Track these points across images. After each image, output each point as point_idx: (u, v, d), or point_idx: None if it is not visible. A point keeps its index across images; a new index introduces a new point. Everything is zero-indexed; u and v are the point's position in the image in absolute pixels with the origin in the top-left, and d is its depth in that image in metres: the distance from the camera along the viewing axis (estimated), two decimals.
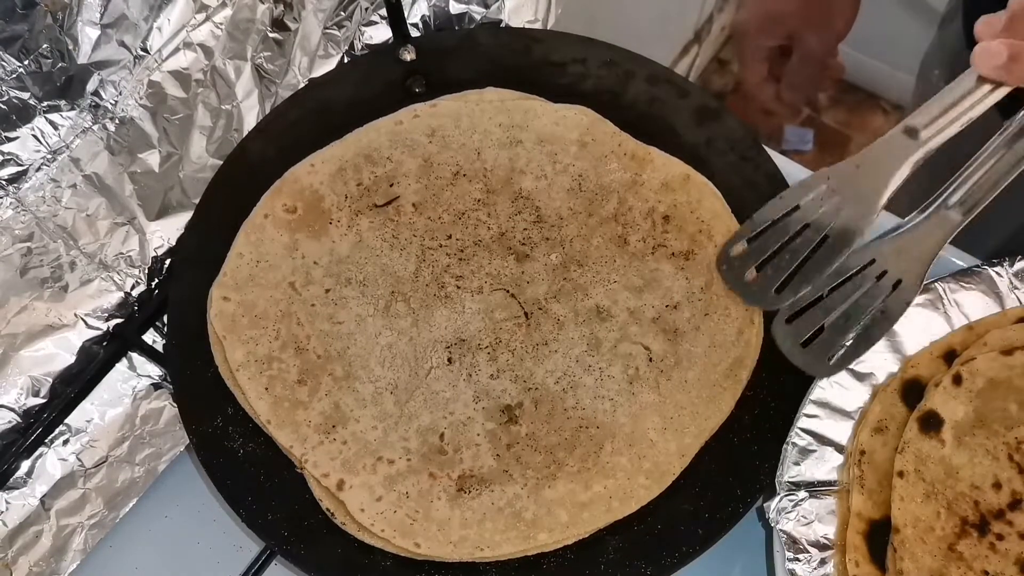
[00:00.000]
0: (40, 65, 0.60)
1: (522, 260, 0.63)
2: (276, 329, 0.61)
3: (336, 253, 0.64)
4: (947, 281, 0.60)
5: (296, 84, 0.74)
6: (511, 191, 0.65)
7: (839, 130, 1.84)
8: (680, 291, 0.62)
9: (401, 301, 0.62)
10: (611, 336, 0.61)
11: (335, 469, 0.58)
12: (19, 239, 0.62)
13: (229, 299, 0.62)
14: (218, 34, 0.69)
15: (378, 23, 0.78)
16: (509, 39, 0.75)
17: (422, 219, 0.65)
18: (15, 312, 0.63)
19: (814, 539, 0.54)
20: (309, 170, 0.67)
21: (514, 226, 0.64)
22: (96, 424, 0.67)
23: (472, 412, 0.59)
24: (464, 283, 0.63)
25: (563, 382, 0.60)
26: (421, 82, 0.72)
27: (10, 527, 0.63)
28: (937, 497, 0.53)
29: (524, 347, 0.61)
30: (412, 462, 0.58)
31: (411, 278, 0.63)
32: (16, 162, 0.61)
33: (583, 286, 0.63)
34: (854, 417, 0.57)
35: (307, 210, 0.65)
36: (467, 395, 0.60)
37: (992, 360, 0.56)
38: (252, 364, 0.60)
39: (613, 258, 0.63)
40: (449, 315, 0.62)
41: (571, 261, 0.63)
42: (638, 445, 0.58)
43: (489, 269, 0.63)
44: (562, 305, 0.62)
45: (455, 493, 0.57)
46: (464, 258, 0.63)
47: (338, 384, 0.60)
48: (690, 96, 0.71)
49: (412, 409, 0.59)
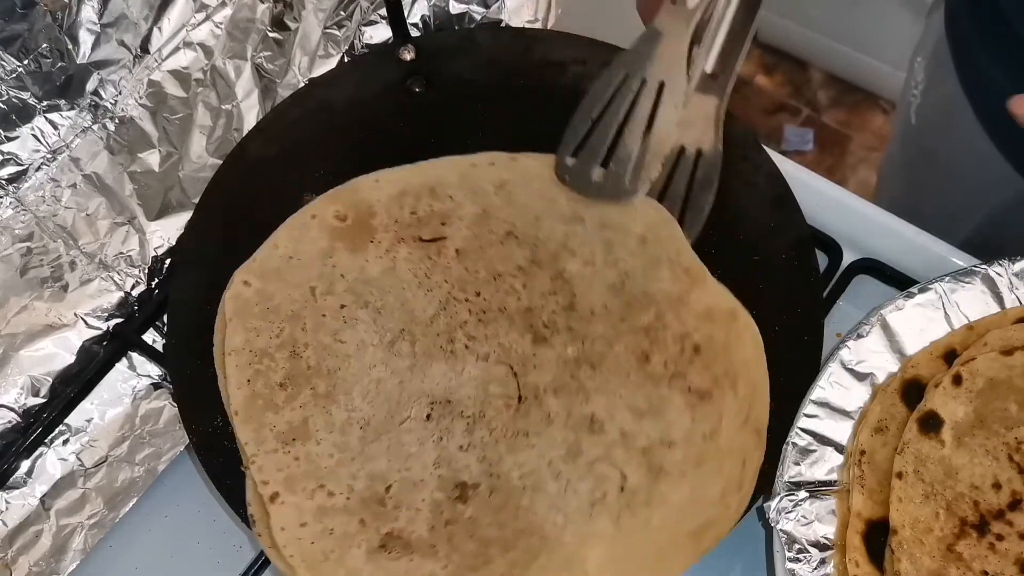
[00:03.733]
0: (40, 65, 0.60)
1: (538, 342, 0.60)
2: (281, 327, 0.60)
3: (365, 272, 0.62)
4: (947, 281, 0.60)
5: (296, 84, 0.74)
6: (554, 269, 0.62)
7: (839, 130, 1.84)
8: (681, 430, 0.57)
9: (407, 341, 0.60)
10: (594, 451, 0.57)
11: (276, 481, 0.56)
12: (19, 239, 0.62)
13: (250, 284, 0.61)
14: (218, 34, 0.69)
15: (378, 23, 0.78)
16: (509, 39, 0.75)
17: (459, 267, 0.62)
18: (15, 312, 0.63)
19: (814, 539, 0.54)
20: (372, 184, 0.65)
21: (543, 305, 0.61)
22: (96, 424, 0.67)
23: (427, 476, 0.56)
24: (474, 345, 0.60)
25: (527, 479, 0.56)
26: (421, 82, 0.72)
27: (10, 527, 0.63)
28: (936, 498, 0.53)
29: (504, 430, 0.57)
30: (350, 502, 0.56)
31: (426, 322, 0.60)
32: (16, 162, 0.61)
33: (587, 390, 0.58)
34: (854, 417, 0.57)
35: (356, 222, 0.63)
36: (430, 457, 0.57)
37: (992, 360, 0.56)
38: (245, 353, 0.59)
39: (628, 372, 0.58)
40: (446, 372, 0.59)
41: (585, 360, 0.59)
42: (571, 572, 0.54)
43: (503, 340, 0.60)
44: (559, 401, 0.58)
45: (376, 548, 0.54)
46: (484, 320, 0.60)
47: (316, 400, 0.58)
48: None
49: (373, 451, 0.57)
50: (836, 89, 1.87)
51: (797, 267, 0.64)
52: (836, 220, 0.68)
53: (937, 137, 0.86)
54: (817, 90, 1.88)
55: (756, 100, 1.87)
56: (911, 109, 0.88)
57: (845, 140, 1.83)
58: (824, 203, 0.69)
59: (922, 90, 0.86)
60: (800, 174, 0.70)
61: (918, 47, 0.88)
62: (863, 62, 1.79)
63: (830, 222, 0.68)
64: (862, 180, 1.77)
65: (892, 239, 0.69)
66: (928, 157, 0.89)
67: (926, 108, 0.86)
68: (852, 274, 0.67)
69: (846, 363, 0.58)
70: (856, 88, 1.85)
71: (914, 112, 0.88)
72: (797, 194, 0.66)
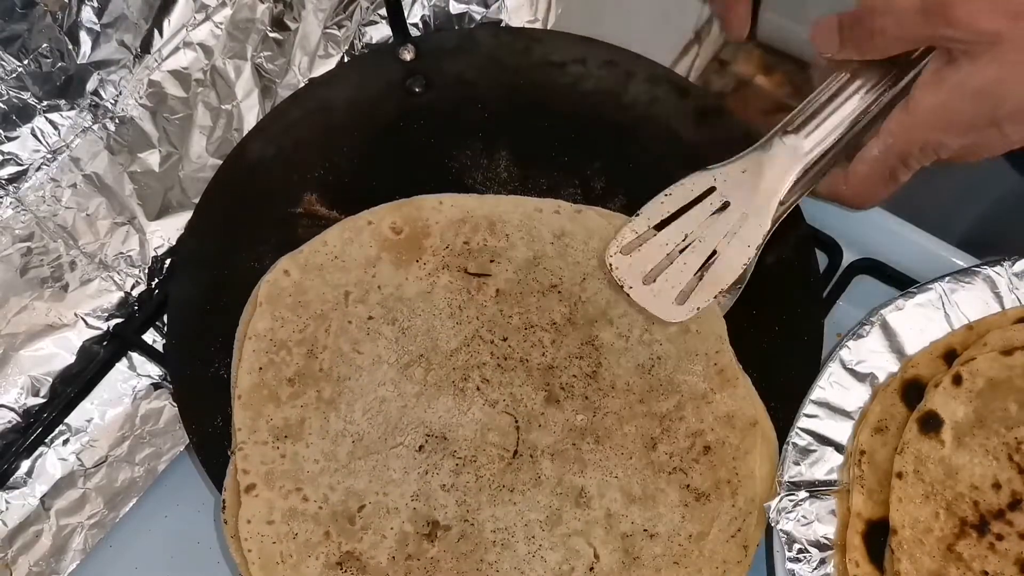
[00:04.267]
0: (40, 65, 0.60)
1: (550, 403, 0.59)
2: (306, 323, 0.60)
3: (402, 290, 0.62)
4: (947, 281, 0.60)
5: (296, 84, 0.74)
6: (588, 333, 0.61)
7: None
8: (668, 525, 0.56)
9: (422, 367, 0.60)
10: (573, 523, 0.56)
11: (257, 473, 0.56)
12: (19, 239, 0.62)
13: (289, 274, 0.61)
14: (218, 34, 0.69)
15: (378, 23, 0.78)
16: (509, 39, 0.75)
17: (494, 308, 0.61)
18: (15, 312, 0.63)
19: (814, 539, 0.54)
20: (435, 205, 0.64)
21: (567, 367, 0.60)
22: (96, 424, 0.67)
23: (402, 505, 0.56)
24: (486, 389, 0.59)
25: (499, 535, 0.55)
26: (421, 82, 0.72)
27: (10, 527, 0.63)
28: (936, 498, 0.53)
29: (490, 480, 0.57)
30: (321, 512, 0.55)
31: (446, 353, 0.60)
32: (16, 162, 0.61)
33: (585, 462, 0.57)
34: (854, 417, 0.57)
35: (408, 238, 0.63)
36: (410, 488, 0.56)
37: (992, 360, 0.56)
38: (265, 340, 0.59)
39: (631, 455, 0.57)
40: (451, 408, 0.59)
41: (592, 432, 0.58)
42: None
43: (516, 391, 0.59)
44: (553, 466, 0.57)
45: (333, 564, 0.54)
46: (503, 367, 0.60)
47: (318, 404, 0.58)
48: (690, 96, 0.71)
49: (358, 467, 0.57)
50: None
51: (797, 267, 0.64)
52: (836, 220, 0.68)
53: None
54: None
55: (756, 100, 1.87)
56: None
57: None
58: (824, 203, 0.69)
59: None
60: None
61: None
62: None
63: (830, 222, 0.68)
64: None
65: (892, 239, 0.69)
66: None
67: None
68: (852, 274, 0.67)
69: (846, 363, 0.58)
70: None
71: None
72: None
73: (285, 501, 0.56)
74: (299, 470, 0.57)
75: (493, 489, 0.57)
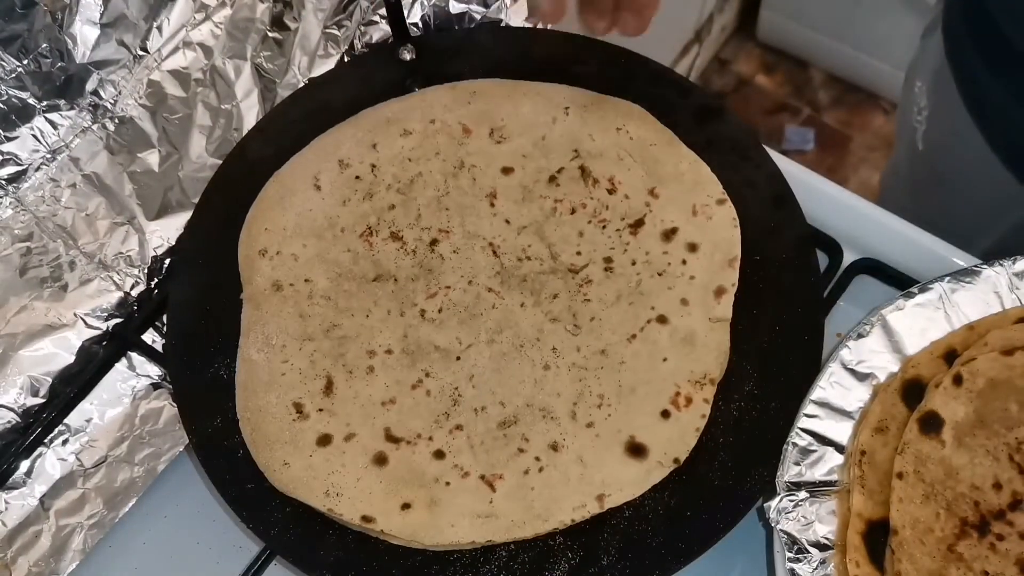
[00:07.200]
0: (39, 65, 0.60)
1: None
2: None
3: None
4: (947, 281, 0.60)
5: (296, 83, 0.74)
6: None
7: (839, 130, 1.84)
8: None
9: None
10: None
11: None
12: (19, 239, 0.62)
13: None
14: (218, 33, 0.69)
15: (378, 23, 0.78)
16: (509, 39, 0.75)
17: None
18: (15, 312, 0.63)
19: (815, 539, 0.54)
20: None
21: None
22: (96, 424, 0.67)
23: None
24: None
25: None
26: (421, 82, 0.72)
27: (9, 527, 0.63)
28: (936, 498, 0.53)
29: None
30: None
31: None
32: (16, 162, 0.61)
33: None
34: (854, 417, 0.57)
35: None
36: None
37: (993, 360, 0.56)
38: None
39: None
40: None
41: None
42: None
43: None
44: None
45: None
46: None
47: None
48: (690, 96, 0.71)
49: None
50: (837, 89, 1.87)
51: (797, 267, 0.64)
52: (836, 220, 0.68)
53: (947, 162, 0.86)
54: (818, 90, 1.88)
55: (756, 100, 1.87)
56: (917, 135, 0.87)
57: (846, 140, 1.83)
58: (824, 203, 0.69)
59: (927, 116, 0.85)
60: (800, 174, 0.70)
61: (916, 68, 0.88)
62: (863, 62, 1.79)
63: (830, 222, 0.68)
64: (863, 180, 1.77)
65: (892, 239, 0.69)
66: (938, 180, 0.88)
67: (933, 134, 0.86)
68: (852, 274, 0.67)
69: (846, 363, 0.58)
70: (857, 88, 1.85)
71: (920, 138, 0.87)
72: (797, 194, 0.65)
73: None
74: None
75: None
